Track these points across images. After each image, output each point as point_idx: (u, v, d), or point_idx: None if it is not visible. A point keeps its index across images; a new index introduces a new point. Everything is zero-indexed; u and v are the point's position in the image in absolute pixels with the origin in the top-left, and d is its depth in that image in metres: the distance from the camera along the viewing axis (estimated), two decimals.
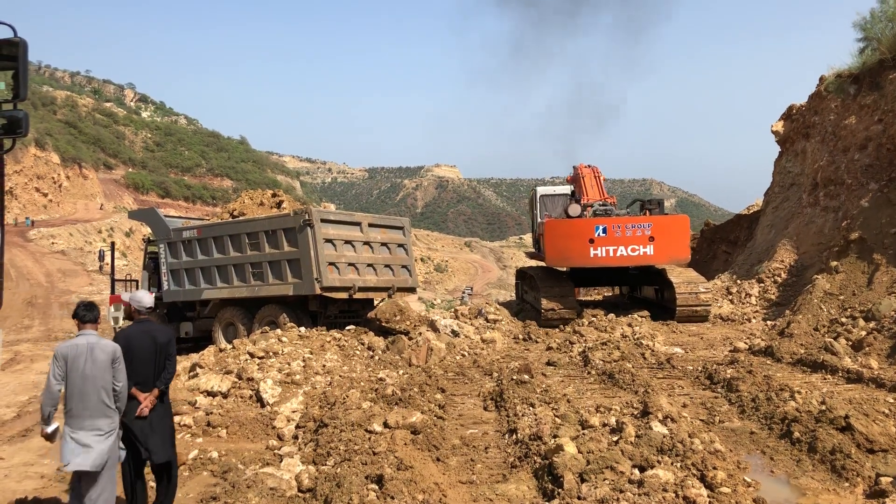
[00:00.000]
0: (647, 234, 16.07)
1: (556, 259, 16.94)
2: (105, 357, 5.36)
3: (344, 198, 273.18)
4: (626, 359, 12.19)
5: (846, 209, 17.17)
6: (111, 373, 5.38)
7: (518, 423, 7.91)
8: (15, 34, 5.04)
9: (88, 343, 5.37)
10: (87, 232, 67.21)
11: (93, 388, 5.31)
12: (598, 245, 16.11)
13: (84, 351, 5.33)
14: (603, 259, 16.19)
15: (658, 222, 16.33)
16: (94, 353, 5.34)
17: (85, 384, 5.29)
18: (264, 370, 10.75)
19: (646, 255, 16.15)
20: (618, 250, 16.10)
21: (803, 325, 13.20)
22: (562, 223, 16.85)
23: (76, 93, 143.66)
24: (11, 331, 21.31)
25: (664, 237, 16.12)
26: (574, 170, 20.36)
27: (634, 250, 16.08)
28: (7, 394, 12.57)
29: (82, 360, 5.30)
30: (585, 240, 16.16)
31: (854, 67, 18.31)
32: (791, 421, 7.49)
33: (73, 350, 5.33)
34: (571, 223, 16.69)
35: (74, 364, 5.29)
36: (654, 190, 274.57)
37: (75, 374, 5.28)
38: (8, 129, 5.11)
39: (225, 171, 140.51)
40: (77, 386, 5.28)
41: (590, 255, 16.20)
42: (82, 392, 5.29)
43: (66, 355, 5.32)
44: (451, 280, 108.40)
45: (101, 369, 5.34)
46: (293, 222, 14.63)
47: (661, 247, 16.11)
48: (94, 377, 5.32)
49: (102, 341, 5.45)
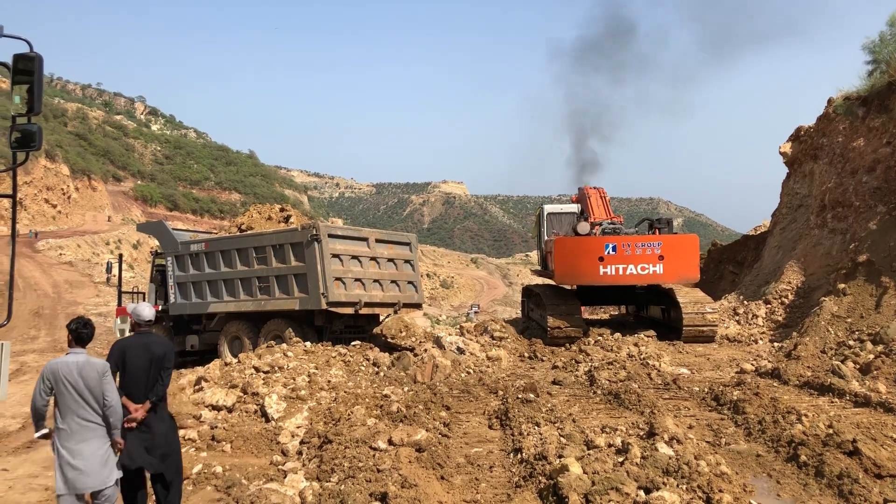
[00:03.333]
0: (657, 252, 16.03)
1: (566, 276, 16.88)
2: (95, 375, 5.34)
3: (351, 213, 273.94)
4: (632, 379, 12.14)
5: (854, 231, 17.13)
6: (101, 389, 5.37)
7: (523, 443, 7.88)
8: (31, 49, 5.10)
9: (78, 361, 5.35)
10: (95, 243, 67.47)
11: (84, 406, 5.29)
12: (608, 263, 16.08)
13: (74, 369, 5.30)
14: (612, 277, 16.15)
15: (668, 241, 16.30)
16: (85, 372, 5.32)
17: (77, 402, 5.27)
18: (269, 385, 10.76)
19: (655, 273, 16.10)
20: (627, 269, 16.07)
21: (810, 348, 13.13)
22: (571, 241, 16.83)
23: (87, 105, 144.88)
24: (18, 341, 21.35)
25: (674, 256, 16.08)
26: (579, 191, 20.37)
27: (644, 269, 16.03)
28: (12, 405, 12.58)
29: (72, 378, 5.27)
30: (595, 258, 16.13)
31: (862, 90, 18.35)
32: (798, 444, 7.44)
33: (63, 367, 5.30)
34: (581, 241, 16.67)
35: (65, 382, 5.26)
36: (661, 209, 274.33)
37: (66, 393, 5.26)
38: (22, 143, 5.16)
39: (233, 184, 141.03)
40: (68, 404, 5.26)
41: (599, 273, 16.16)
42: (73, 410, 5.27)
43: (55, 372, 5.29)
44: (456, 296, 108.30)
45: (92, 386, 5.32)
46: (301, 237, 14.67)
47: (671, 266, 16.06)
48: (87, 393, 5.30)
49: (92, 360, 5.43)
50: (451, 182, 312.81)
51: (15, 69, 5.09)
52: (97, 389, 5.33)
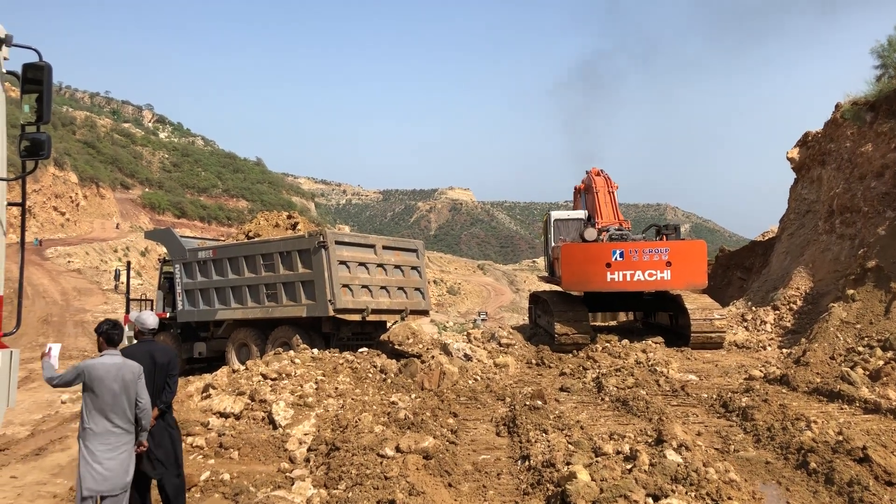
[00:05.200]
0: (665, 258, 15.99)
1: (573, 283, 16.85)
2: (132, 377, 5.45)
3: (358, 219, 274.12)
4: (640, 385, 12.11)
5: (863, 237, 17.06)
6: (136, 389, 5.45)
7: (531, 450, 7.86)
8: (40, 58, 5.13)
9: (116, 363, 5.45)
10: (103, 251, 67.66)
11: (118, 408, 5.37)
12: (615, 269, 16.04)
13: (113, 370, 5.39)
14: (620, 283, 16.11)
15: (675, 247, 16.26)
16: (123, 372, 5.41)
17: (115, 403, 5.35)
18: (277, 392, 10.76)
19: (663, 279, 16.05)
20: (635, 275, 16.02)
21: (819, 354, 13.07)
22: (579, 247, 16.80)
23: (95, 113, 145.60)
24: (26, 349, 21.41)
25: (681, 262, 16.03)
26: (587, 176, 20.25)
27: (651, 275, 15.99)
28: (21, 412, 12.62)
29: (110, 380, 5.34)
30: (602, 264, 16.09)
31: (870, 95, 18.29)
32: (807, 451, 7.40)
33: (102, 368, 5.37)
34: (588, 247, 16.63)
35: (101, 384, 5.33)
36: (669, 215, 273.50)
37: (103, 394, 5.33)
38: (31, 152, 5.19)
39: (241, 192, 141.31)
40: (102, 406, 5.33)
41: (606, 280, 16.12)
42: (107, 411, 5.33)
43: (92, 372, 5.34)
44: (463, 303, 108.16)
45: (129, 388, 5.42)
46: (308, 244, 14.69)
47: (679, 272, 16.02)
48: (123, 396, 5.39)
49: (129, 362, 5.54)
50: (458, 188, 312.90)
51: (24, 78, 5.12)
52: (132, 391, 5.43)
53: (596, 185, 19.54)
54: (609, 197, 19.30)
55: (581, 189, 21.02)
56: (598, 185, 19.49)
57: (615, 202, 19.27)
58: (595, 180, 19.75)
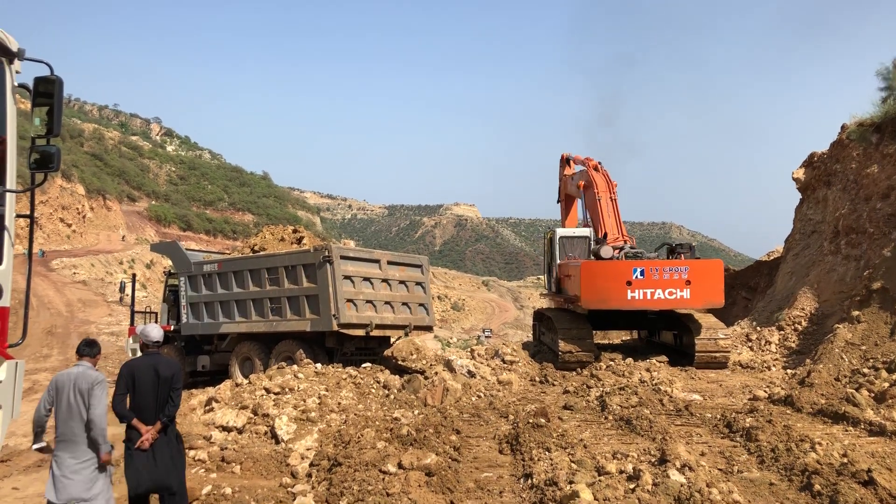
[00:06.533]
0: (685, 277, 15.93)
1: (593, 301, 16.71)
2: (87, 386, 5.53)
3: (363, 234, 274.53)
4: (644, 404, 12.05)
5: (868, 258, 17.03)
6: (88, 399, 5.51)
7: (534, 468, 7.83)
8: (51, 72, 5.19)
9: (73, 372, 5.61)
10: (109, 263, 67.82)
11: (74, 417, 5.48)
12: (636, 287, 15.95)
13: (71, 378, 5.56)
14: (640, 302, 16.04)
15: (695, 266, 16.21)
16: (78, 382, 5.53)
17: (69, 412, 5.49)
18: (280, 406, 10.75)
19: (682, 298, 15.98)
20: (655, 293, 15.94)
21: (824, 375, 13.01)
22: (599, 265, 16.69)
23: (103, 126, 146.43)
24: (30, 360, 21.46)
25: (700, 281, 15.98)
26: (584, 171, 19.97)
27: (672, 294, 15.91)
28: (24, 423, 12.58)
29: (67, 388, 5.51)
30: (623, 282, 16.01)
31: (876, 116, 18.32)
32: (812, 473, 7.35)
33: (63, 377, 5.59)
34: (609, 265, 16.54)
35: (62, 392, 5.51)
36: (674, 233, 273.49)
37: (62, 402, 5.50)
38: (40, 164, 5.23)
39: (246, 205, 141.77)
40: (62, 413, 5.50)
41: (627, 298, 16.04)
42: (66, 420, 5.49)
43: (56, 382, 5.59)
44: (467, 319, 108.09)
45: (84, 397, 5.50)
46: (313, 258, 14.73)
47: (698, 291, 15.95)
48: (77, 406, 5.49)
49: (89, 372, 5.62)
50: (463, 204, 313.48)
51: (36, 91, 5.17)
52: (85, 399, 5.49)
53: (597, 187, 19.27)
54: (612, 206, 19.09)
55: (581, 188, 20.49)
56: (599, 188, 19.22)
57: (618, 212, 19.11)
58: (595, 180, 19.43)
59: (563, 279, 18.91)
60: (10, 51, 5.18)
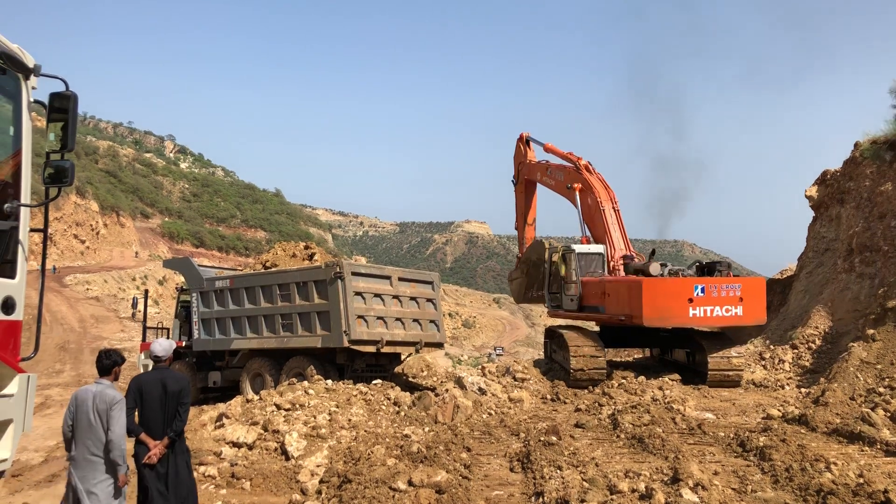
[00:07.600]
0: (738, 294, 16.05)
1: (654, 318, 16.71)
2: (104, 406, 5.50)
3: (375, 251, 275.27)
4: (657, 423, 11.95)
5: (882, 276, 16.90)
6: (107, 419, 5.49)
7: (545, 486, 7.77)
8: (67, 87, 5.24)
9: (93, 390, 5.58)
10: (122, 279, 68.25)
11: (93, 435, 5.45)
12: (697, 305, 16.04)
13: (90, 396, 5.53)
14: (700, 319, 16.15)
15: (746, 284, 16.36)
16: (97, 400, 5.51)
17: (89, 430, 5.46)
18: (290, 422, 10.74)
19: (736, 315, 16.10)
20: (713, 310, 16.04)
21: (839, 394, 12.87)
22: (663, 282, 16.69)
23: (118, 143, 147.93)
24: (43, 375, 21.54)
25: (750, 298, 16.13)
26: (573, 167, 19.88)
27: (728, 311, 16.03)
28: (36, 438, 12.66)
29: (87, 405, 5.49)
30: (685, 299, 16.07)
31: (890, 134, 18.27)
32: (827, 493, 7.26)
33: (82, 394, 5.58)
34: (672, 282, 16.57)
35: (81, 409, 5.50)
36: (686, 252, 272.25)
37: (81, 419, 5.49)
38: (55, 179, 5.28)
39: (259, 222, 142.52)
40: (82, 431, 5.47)
41: (689, 315, 16.12)
42: (83, 438, 5.46)
43: (77, 398, 5.57)
44: (478, 336, 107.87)
45: (102, 417, 5.48)
46: (324, 274, 14.75)
47: (749, 308, 16.10)
48: (96, 425, 5.47)
49: (108, 391, 5.58)
50: (474, 221, 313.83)
51: (51, 107, 5.23)
52: (104, 419, 5.47)
53: (598, 194, 19.19)
54: (616, 216, 19.06)
55: (578, 190, 20.17)
56: (600, 196, 19.13)
57: (622, 223, 19.06)
58: (594, 185, 19.32)
59: (593, 295, 18.63)
60: (26, 67, 5.25)
